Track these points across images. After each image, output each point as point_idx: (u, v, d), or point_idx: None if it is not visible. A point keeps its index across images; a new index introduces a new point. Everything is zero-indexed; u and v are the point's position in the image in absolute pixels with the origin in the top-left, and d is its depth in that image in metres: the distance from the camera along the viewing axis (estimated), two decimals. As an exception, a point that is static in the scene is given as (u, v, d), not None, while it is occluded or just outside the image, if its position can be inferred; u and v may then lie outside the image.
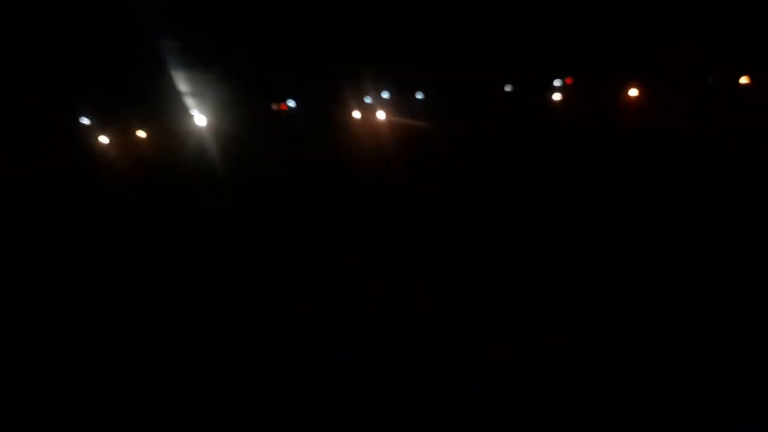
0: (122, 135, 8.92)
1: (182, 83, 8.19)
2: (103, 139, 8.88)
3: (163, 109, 8.66)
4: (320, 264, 8.05)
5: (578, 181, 8.28)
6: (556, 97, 8.70)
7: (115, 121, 8.87)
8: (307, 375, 6.29)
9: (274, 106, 8.76)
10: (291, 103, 8.87)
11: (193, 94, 8.37)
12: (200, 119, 8.53)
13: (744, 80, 8.11)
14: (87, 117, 8.85)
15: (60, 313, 7.70)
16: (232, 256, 8.31)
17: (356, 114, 9.02)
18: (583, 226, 7.81)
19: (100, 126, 8.91)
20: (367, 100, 8.87)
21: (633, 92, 8.52)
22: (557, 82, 8.68)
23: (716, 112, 8.13)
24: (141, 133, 8.93)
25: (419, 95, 8.82)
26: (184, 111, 8.61)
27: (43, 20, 7.89)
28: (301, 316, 7.30)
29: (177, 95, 8.36)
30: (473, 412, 5.64)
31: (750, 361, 5.72)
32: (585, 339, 6.42)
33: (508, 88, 8.68)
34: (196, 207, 8.72)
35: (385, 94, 8.88)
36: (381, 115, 8.89)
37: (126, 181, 8.84)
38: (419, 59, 8.47)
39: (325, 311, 7.34)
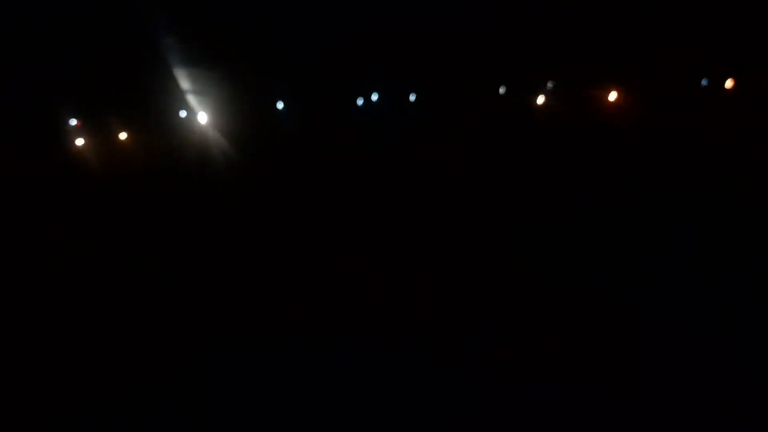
0: (119, 135, 8.91)
1: (181, 82, 8.18)
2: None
3: (162, 109, 8.65)
4: (320, 264, 8.05)
5: (578, 181, 8.26)
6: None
7: (111, 121, 8.85)
8: (307, 375, 6.29)
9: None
10: (279, 105, 8.83)
11: (192, 93, 8.36)
12: (200, 118, 8.52)
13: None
14: (82, 117, 8.83)
15: (60, 314, 7.71)
16: (231, 256, 8.31)
17: (356, 114, 9.02)
18: (583, 226, 7.81)
19: (95, 126, 8.89)
20: (359, 101, 8.86)
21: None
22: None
23: (715, 112, 8.12)
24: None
25: (413, 97, 8.80)
26: (183, 110, 8.59)
27: (35, 19, 7.90)
28: (301, 316, 7.31)
29: (175, 94, 8.36)
30: (473, 412, 5.65)
31: (750, 361, 5.72)
32: (585, 339, 6.42)
33: (502, 90, 8.66)
34: (195, 207, 8.72)
35: (383, 95, 8.87)
36: (379, 115, 8.89)
37: (123, 181, 8.83)
38: (417, 60, 8.46)
39: (325, 311, 7.35)
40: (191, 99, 8.41)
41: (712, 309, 6.48)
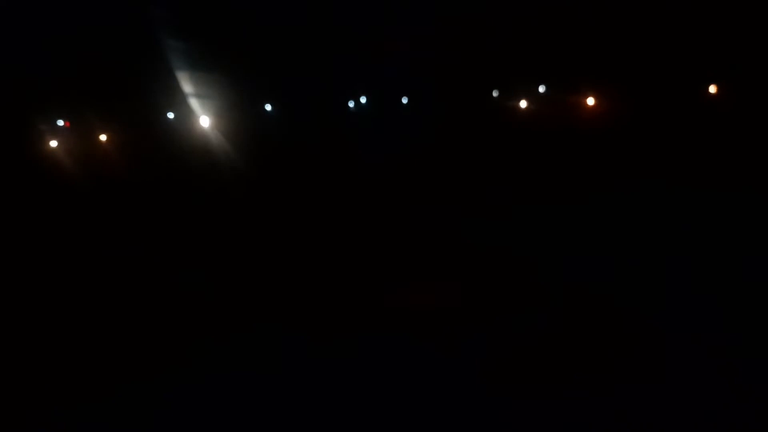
0: (106, 135, 8.89)
1: (173, 83, 8.17)
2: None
3: (164, 109, 8.65)
4: (320, 264, 8.06)
5: (578, 182, 8.29)
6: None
7: (99, 121, 8.85)
8: (307, 376, 6.28)
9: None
10: (268, 107, 8.85)
11: (184, 94, 8.35)
12: (203, 120, 8.51)
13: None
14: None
15: (58, 314, 7.70)
16: (231, 257, 8.31)
17: (353, 115, 9.02)
18: (584, 228, 7.83)
19: (83, 127, 8.89)
20: (362, 100, 8.87)
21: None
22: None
23: (713, 115, 8.17)
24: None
25: (405, 99, 8.81)
26: (185, 111, 8.59)
27: (29, 21, 7.90)
28: (302, 316, 7.31)
29: (178, 95, 8.35)
30: (473, 412, 5.64)
31: (752, 363, 5.72)
32: (585, 340, 6.43)
33: (495, 93, 8.69)
34: (195, 208, 8.71)
35: (377, 97, 8.89)
36: (376, 116, 8.90)
37: (125, 180, 8.82)
38: (411, 62, 8.48)
39: (326, 311, 7.35)
40: (183, 100, 8.41)
41: (711, 311, 6.49)
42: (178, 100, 8.40)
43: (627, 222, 7.74)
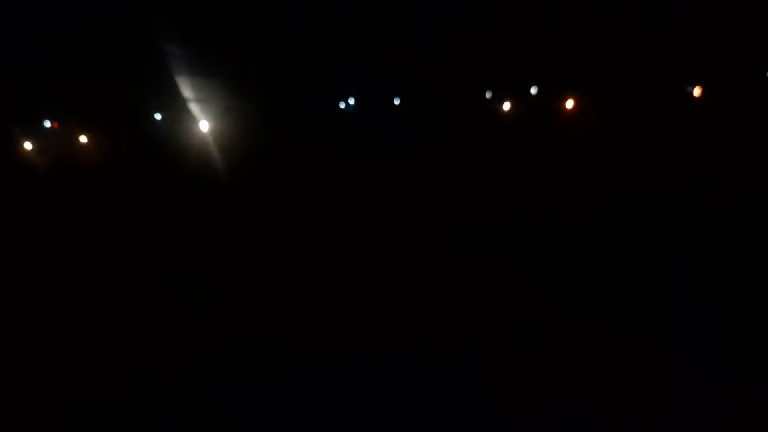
0: (114, 137, 8.90)
1: (185, 89, 8.19)
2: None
3: (159, 112, 8.66)
4: (320, 267, 8.05)
5: (578, 186, 8.30)
6: (555, 102, 8.73)
7: (106, 122, 8.86)
8: (306, 381, 6.26)
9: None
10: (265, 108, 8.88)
11: (193, 99, 8.38)
12: (203, 125, 8.53)
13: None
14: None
15: (57, 315, 7.67)
16: (229, 259, 8.30)
17: (349, 117, 9.03)
18: (584, 230, 7.83)
19: (73, 128, 8.89)
20: (357, 103, 8.90)
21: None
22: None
23: (713, 118, 8.18)
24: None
25: (397, 101, 8.84)
26: (182, 114, 8.60)
27: (25, 24, 7.92)
28: (301, 318, 7.28)
29: (180, 100, 8.37)
30: (474, 418, 5.62)
31: (752, 365, 5.71)
32: (586, 343, 6.41)
33: (489, 95, 8.72)
34: (196, 210, 8.71)
35: (371, 99, 8.90)
36: (369, 118, 8.91)
37: (128, 183, 8.83)
38: (405, 64, 8.51)
39: (325, 314, 7.33)
40: (181, 103, 8.43)
41: (712, 315, 6.49)
42: (174, 103, 8.42)
43: (626, 224, 7.75)
